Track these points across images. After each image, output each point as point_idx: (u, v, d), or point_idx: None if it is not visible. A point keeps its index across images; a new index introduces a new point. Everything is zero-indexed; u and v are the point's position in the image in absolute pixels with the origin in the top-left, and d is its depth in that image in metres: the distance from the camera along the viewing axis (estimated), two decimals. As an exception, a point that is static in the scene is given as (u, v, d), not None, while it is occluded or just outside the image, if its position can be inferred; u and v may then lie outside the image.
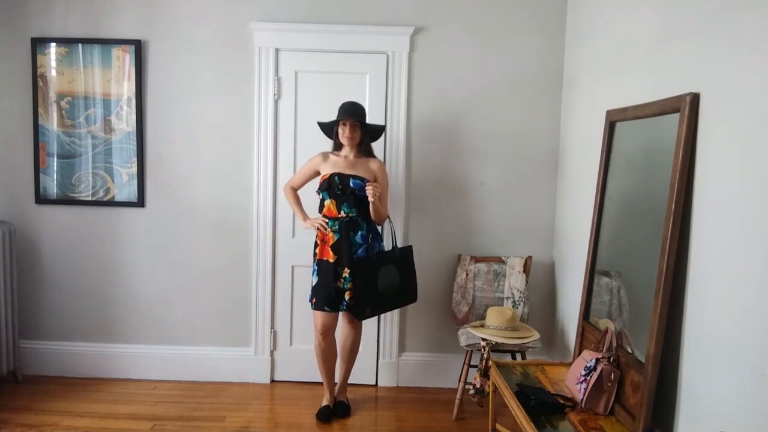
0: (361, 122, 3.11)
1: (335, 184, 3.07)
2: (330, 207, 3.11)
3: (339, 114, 3.11)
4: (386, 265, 3.10)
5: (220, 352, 3.66)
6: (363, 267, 3.04)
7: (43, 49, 3.51)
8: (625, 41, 2.67)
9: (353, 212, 3.08)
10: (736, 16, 1.83)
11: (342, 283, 3.07)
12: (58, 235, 3.63)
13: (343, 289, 3.07)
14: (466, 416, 3.28)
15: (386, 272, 3.09)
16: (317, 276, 3.12)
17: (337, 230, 3.09)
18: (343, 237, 3.07)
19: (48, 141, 3.56)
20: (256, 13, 3.50)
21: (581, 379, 2.30)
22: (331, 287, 3.06)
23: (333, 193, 3.08)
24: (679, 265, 2.04)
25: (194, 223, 3.62)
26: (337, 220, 3.09)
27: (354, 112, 3.09)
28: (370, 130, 3.19)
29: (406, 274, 3.18)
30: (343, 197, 3.07)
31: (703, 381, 1.92)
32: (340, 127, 3.11)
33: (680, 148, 2.02)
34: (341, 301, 3.08)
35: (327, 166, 3.15)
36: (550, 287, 3.61)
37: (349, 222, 3.08)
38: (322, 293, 3.09)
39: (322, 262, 3.11)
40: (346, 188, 3.06)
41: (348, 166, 3.12)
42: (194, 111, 3.56)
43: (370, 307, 3.07)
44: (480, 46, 3.52)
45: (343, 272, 3.07)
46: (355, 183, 3.06)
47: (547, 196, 3.60)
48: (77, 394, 3.42)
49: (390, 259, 3.12)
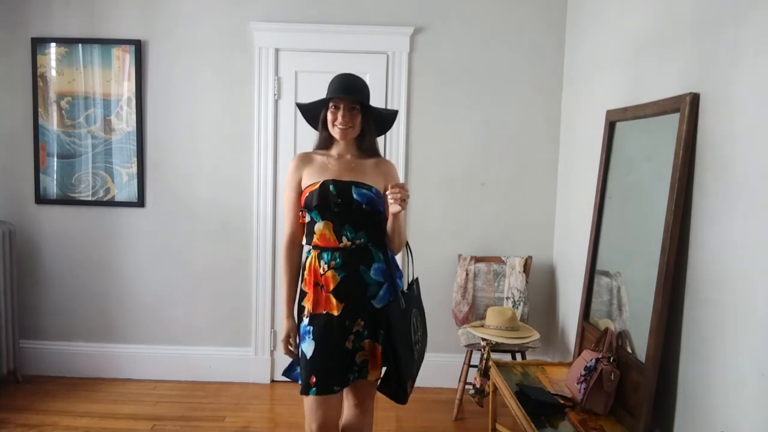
0: (362, 104, 2.11)
1: (330, 196, 2.04)
2: (324, 233, 2.07)
3: (329, 91, 2.11)
4: (413, 310, 2.17)
5: (220, 352, 3.66)
6: (400, 319, 2.04)
7: (43, 49, 3.50)
8: (625, 41, 2.67)
9: (361, 237, 2.08)
10: (736, 16, 1.83)
11: (353, 341, 2.07)
12: (58, 235, 3.63)
13: (354, 349, 2.07)
14: (466, 416, 3.28)
15: (415, 321, 2.17)
16: (312, 341, 2.04)
17: (340, 266, 2.05)
18: (350, 276, 2.06)
19: (48, 141, 3.56)
20: (256, 13, 3.50)
21: (581, 379, 2.30)
22: (339, 353, 2.05)
23: (328, 212, 2.06)
24: (679, 265, 2.04)
25: (194, 223, 3.62)
26: (337, 251, 2.07)
27: (353, 89, 2.08)
28: (377, 118, 2.18)
29: (423, 317, 2.27)
30: (345, 216, 2.06)
31: (703, 381, 1.92)
32: (331, 111, 2.10)
33: (680, 148, 2.02)
34: (351, 368, 2.08)
35: (312, 172, 2.12)
36: (550, 287, 3.61)
37: (358, 252, 2.08)
38: (325, 367, 2.03)
39: (319, 318, 2.05)
40: (348, 202, 2.05)
41: (345, 169, 2.12)
42: (194, 111, 3.56)
43: (413, 377, 2.14)
44: (480, 46, 3.52)
45: (354, 326, 2.07)
46: (361, 194, 2.06)
47: (547, 196, 3.60)
48: (77, 394, 3.42)
49: (414, 301, 2.20)
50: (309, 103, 2.17)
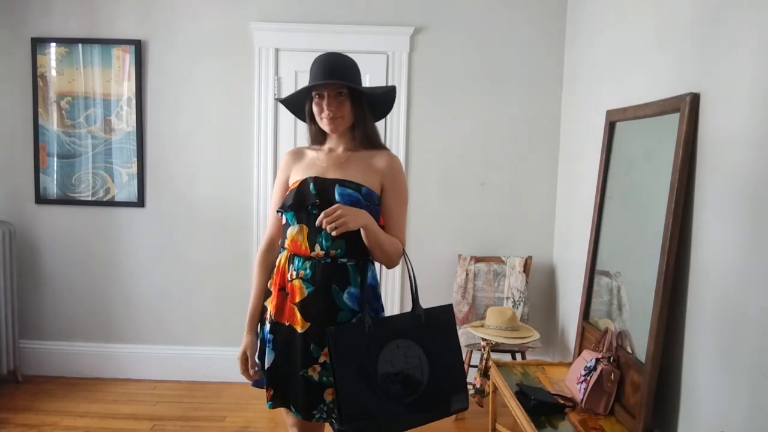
0: (350, 88, 1.79)
1: (308, 196, 1.75)
2: (296, 238, 1.78)
3: (310, 77, 1.81)
4: (396, 340, 1.69)
5: (220, 352, 3.66)
6: (347, 342, 1.63)
7: (43, 49, 3.50)
8: (625, 41, 2.67)
9: (338, 248, 1.75)
10: (736, 16, 1.83)
11: (318, 372, 1.75)
12: (58, 235, 3.63)
13: (321, 383, 1.75)
14: (466, 416, 3.28)
15: (397, 354, 1.68)
16: (272, 351, 1.81)
17: (309, 278, 1.75)
18: (319, 293, 1.74)
19: (48, 141, 3.56)
20: (256, 13, 3.50)
21: (581, 379, 2.30)
22: (299, 378, 1.75)
23: (305, 214, 1.76)
24: (679, 265, 2.04)
25: (194, 224, 3.62)
26: (309, 260, 1.76)
27: (335, 72, 1.77)
28: (371, 101, 1.86)
29: (439, 357, 1.74)
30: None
31: (703, 381, 1.92)
32: (315, 102, 1.81)
33: (680, 148, 2.02)
34: (318, 404, 1.75)
35: (299, 169, 1.88)
36: (550, 287, 3.61)
37: (333, 267, 1.75)
38: (282, 386, 1.80)
39: (281, 328, 1.79)
40: (328, 203, 1.71)
41: (334, 165, 1.83)
42: (194, 111, 3.56)
43: (366, 420, 1.62)
44: (480, 46, 3.52)
45: (320, 355, 1.75)
46: (345, 194, 1.75)
47: (547, 196, 3.60)
48: (77, 394, 3.42)
49: (405, 329, 1.72)
50: (290, 95, 1.89)
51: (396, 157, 1.90)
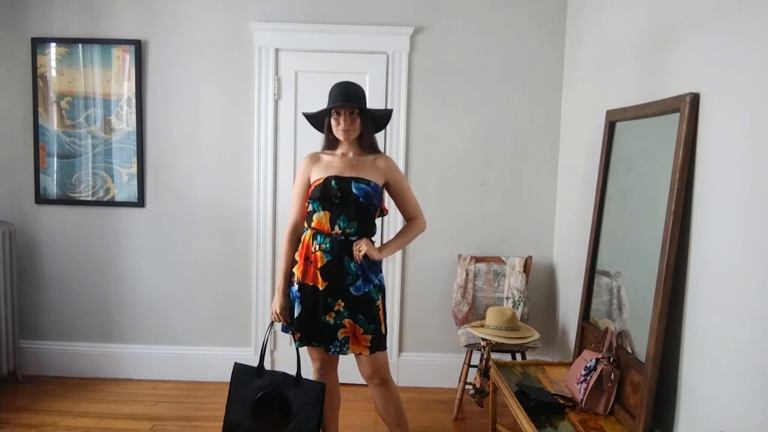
0: (360, 109, 2.45)
1: (332, 190, 2.39)
2: (321, 221, 2.41)
3: (330, 100, 2.45)
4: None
5: (220, 352, 3.66)
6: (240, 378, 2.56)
7: (43, 49, 3.50)
8: (625, 41, 2.67)
9: (352, 228, 2.41)
10: (736, 15, 1.83)
11: (334, 318, 2.42)
12: (58, 235, 3.63)
13: (336, 325, 2.42)
14: (466, 416, 3.28)
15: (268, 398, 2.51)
16: (300, 305, 2.45)
17: (328, 250, 2.39)
18: (335, 260, 2.40)
19: (48, 141, 3.56)
20: (256, 13, 3.50)
21: (581, 379, 2.30)
22: (321, 322, 2.43)
23: (329, 203, 2.41)
24: (679, 265, 2.04)
25: (194, 223, 3.62)
26: (329, 236, 2.41)
27: (350, 96, 2.42)
28: (373, 118, 2.54)
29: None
30: (342, 208, 2.40)
31: (703, 381, 1.92)
32: (333, 117, 2.46)
33: (680, 148, 2.02)
34: (333, 341, 2.43)
35: (319, 169, 2.49)
36: (550, 287, 3.61)
37: (345, 242, 2.40)
38: (308, 328, 2.46)
39: (306, 288, 2.43)
40: (347, 196, 2.39)
41: (347, 166, 2.46)
42: (194, 111, 3.56)
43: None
44: (480, 46, 3.52)
45: (335, 305, 2.41)
46: (360, 188, 2.40)
47: (547, 196, 3.60)
48: (77, 394, 3.42)
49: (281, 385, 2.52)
50: (314, 112, 2.53)
51: (390, 157, 2.61)
